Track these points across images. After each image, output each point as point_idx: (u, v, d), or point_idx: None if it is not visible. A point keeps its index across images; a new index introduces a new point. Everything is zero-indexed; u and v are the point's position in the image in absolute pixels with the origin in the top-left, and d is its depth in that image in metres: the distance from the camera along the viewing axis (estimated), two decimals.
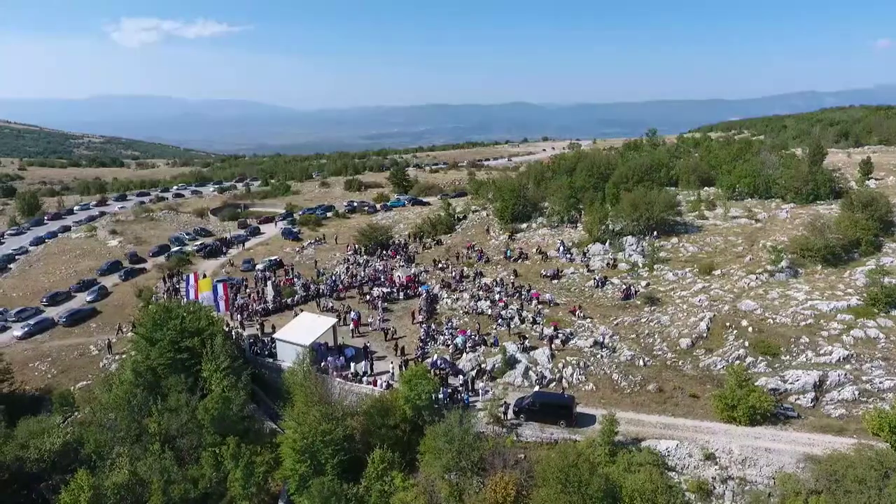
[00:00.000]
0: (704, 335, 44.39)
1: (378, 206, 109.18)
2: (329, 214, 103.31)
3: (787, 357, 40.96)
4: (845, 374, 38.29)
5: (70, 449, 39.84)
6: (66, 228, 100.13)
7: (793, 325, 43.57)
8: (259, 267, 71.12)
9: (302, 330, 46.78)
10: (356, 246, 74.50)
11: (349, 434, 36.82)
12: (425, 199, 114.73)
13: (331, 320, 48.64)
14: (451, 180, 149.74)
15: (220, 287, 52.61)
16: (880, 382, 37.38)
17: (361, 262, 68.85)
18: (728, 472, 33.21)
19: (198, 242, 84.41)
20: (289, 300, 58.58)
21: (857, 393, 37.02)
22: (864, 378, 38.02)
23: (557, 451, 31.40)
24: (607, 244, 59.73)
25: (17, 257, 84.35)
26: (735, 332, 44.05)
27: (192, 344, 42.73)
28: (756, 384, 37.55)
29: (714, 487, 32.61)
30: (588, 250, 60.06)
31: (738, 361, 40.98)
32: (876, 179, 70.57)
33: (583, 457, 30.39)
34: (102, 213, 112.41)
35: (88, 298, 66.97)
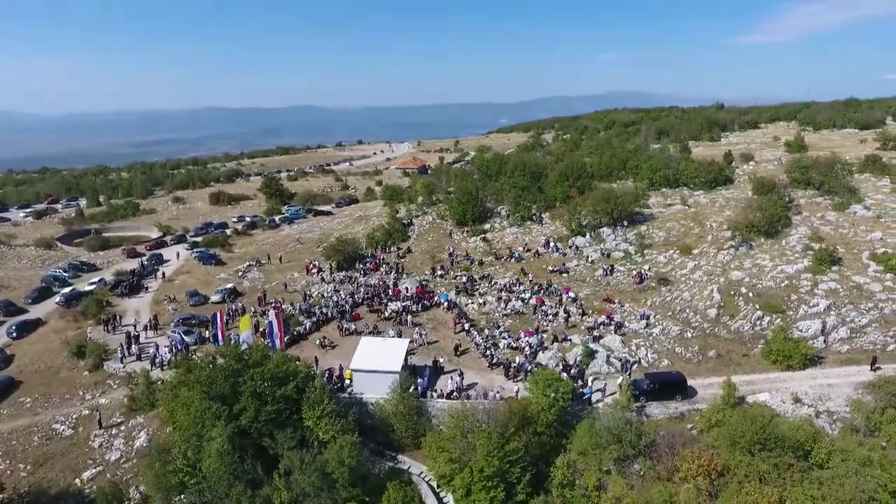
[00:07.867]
0: (721, 304, 52.64)
1: (277, 219, 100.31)
2: (228, 232, 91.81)
3: (791, 312, 51.08)
4: (835, 319, 49.42)
5: None
6: None
7: (777, 287, 54.19)
8: (215, 298, 61.22)
9: (378, 356, 42.90)
10: (320, 263, 68.47)
11: None
12: (324, 209, 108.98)
13: (403, 341, 45.39)
14: (320, 187, 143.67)
15: (274, 323, 44.51)
16: (859, 321, 49.13)
17: (342, 278, 63.91)
18: (815, 408, 40.93)
19: (96, 280, 68.32)
20: (299, 329, 52.29)
21: (848, 332, 48.19)
22: (847, 320, 49.48)
23: (741, 418, 35.29)
24: (588, 237, 65.56)
25: None
26: (741, 298, 53.13)
27: (288, 392, 36.40)
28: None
29: (813, 423, 39.94)
30: (574, 243, 65.12)
31: (759, 321, 49.93)
32: (736, 167, 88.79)
33: (767, 416, 34.86)
34: None
35: None
